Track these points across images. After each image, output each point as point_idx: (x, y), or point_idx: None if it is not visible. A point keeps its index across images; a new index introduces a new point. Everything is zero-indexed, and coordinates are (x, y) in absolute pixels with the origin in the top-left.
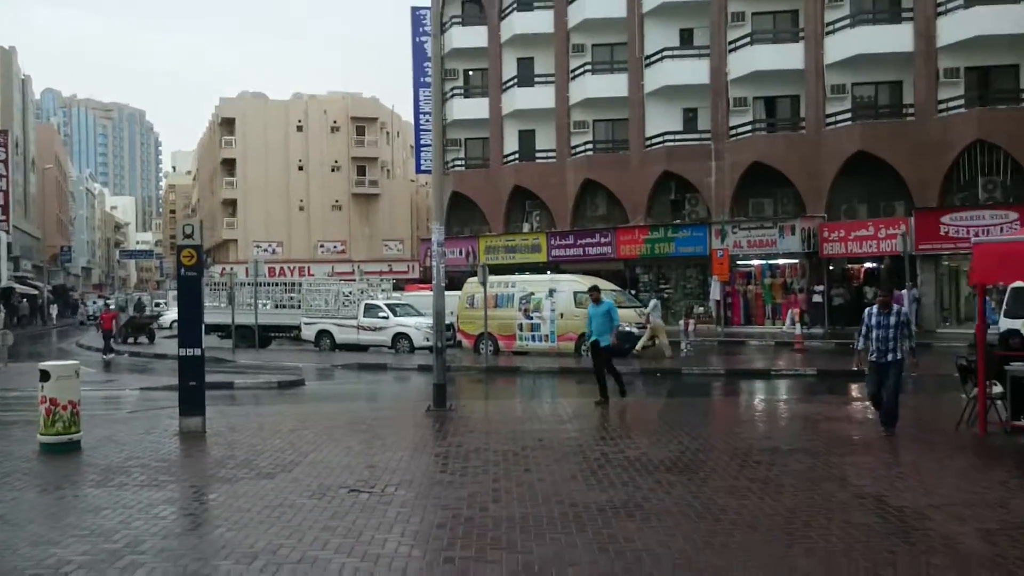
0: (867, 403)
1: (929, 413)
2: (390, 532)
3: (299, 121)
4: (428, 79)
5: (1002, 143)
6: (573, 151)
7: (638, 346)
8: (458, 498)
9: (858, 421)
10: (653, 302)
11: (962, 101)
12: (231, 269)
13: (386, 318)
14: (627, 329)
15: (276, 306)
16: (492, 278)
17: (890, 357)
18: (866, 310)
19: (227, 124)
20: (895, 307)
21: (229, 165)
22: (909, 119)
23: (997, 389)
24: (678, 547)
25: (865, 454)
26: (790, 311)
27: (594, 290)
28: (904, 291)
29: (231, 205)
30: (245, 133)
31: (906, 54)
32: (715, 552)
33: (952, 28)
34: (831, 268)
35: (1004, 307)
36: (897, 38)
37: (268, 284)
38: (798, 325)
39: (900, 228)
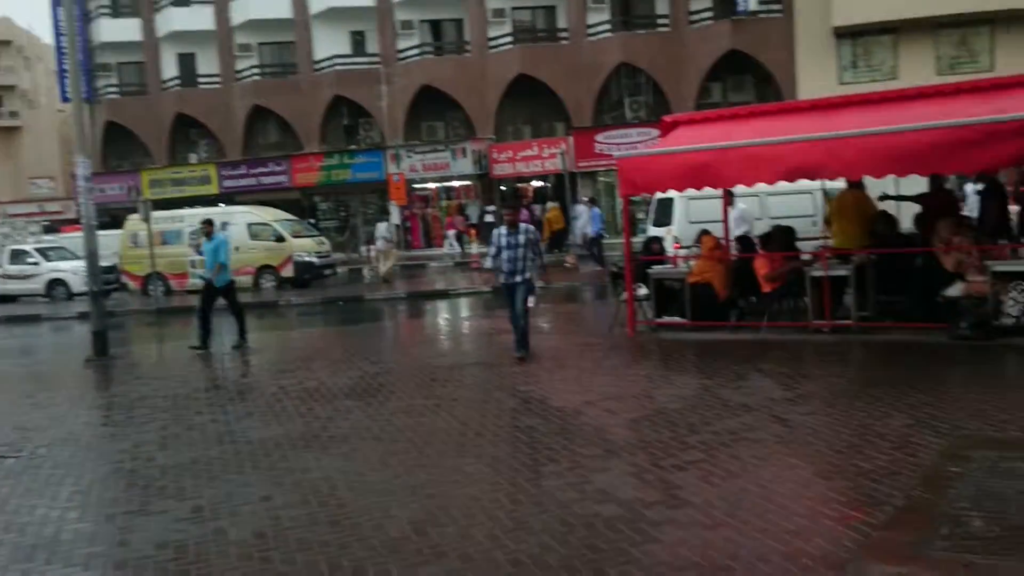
0: (540, 315)
1: (589, 318)
2: (41, 497)
3: None
4: None
5: (644, 65)
6: (239, 76)
7: (381, 272)
8: (121, 450)
9: (533, 332)
10: (382, 226)
11: (609, 26)
12: None
13: (37, 264)
14: (306, 259)
15: None
16: (158, 214)
17: (519, 278)
18: (495, 231)
19: None
20: (523, 226)
21: None
22: (564, 43)
23: (642, 291)
24: (355, 470)
25: (533, 362)
26: (449, 232)
27: (207, 223)
28: (575, 207)
29: None
30: None
31: None
32: (391, 470)
33: None
34: (503, 188)
35: (651, 216)
36: None
37: None
38: (474, 244)
39: (560, 147)
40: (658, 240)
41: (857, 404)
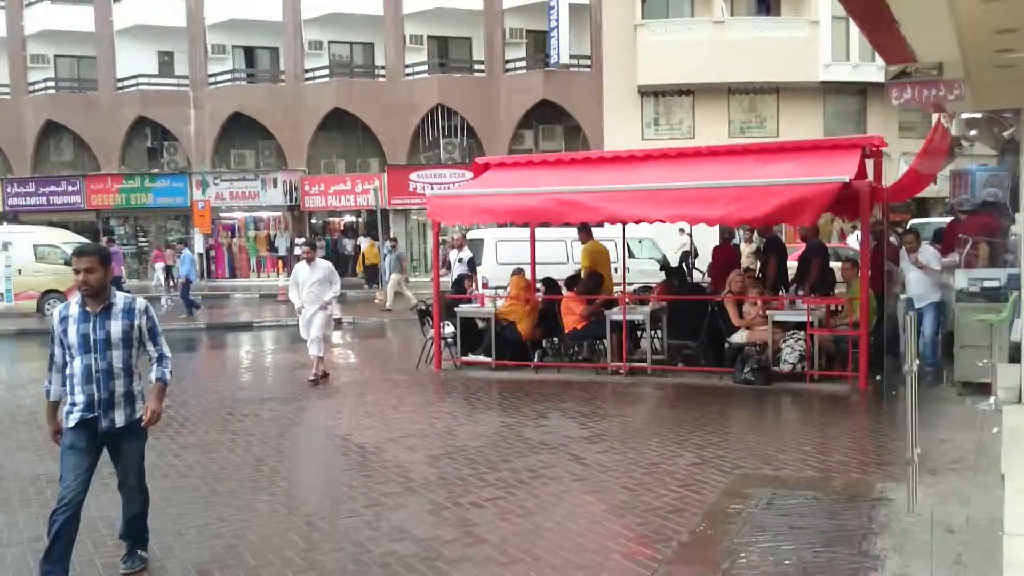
0: (345, 349)
1: (397, 355)
2: None
3: None
4: None
5: (458, 108)
6: (31, 88)
7: (388, 302)
8: None
9: (336, 366)
10: (390, 256)
11: (426, 67)
12: None
13: None
14: None
15: None
16: None
17: (119, 418)
18: None
19: None
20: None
21: None
22: (381, 80)
23: (449, 329)
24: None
25: (335, 397)
26: (156, 265)
27: None
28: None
29: None
30: None
31: (377, 17)
32: (177, 508)
33: None
34: (313, 221)
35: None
36: (368, 1)
37: None
38: (281, 277)
39: (374, 183)
40: (470, 277)
41: (649, 443)
